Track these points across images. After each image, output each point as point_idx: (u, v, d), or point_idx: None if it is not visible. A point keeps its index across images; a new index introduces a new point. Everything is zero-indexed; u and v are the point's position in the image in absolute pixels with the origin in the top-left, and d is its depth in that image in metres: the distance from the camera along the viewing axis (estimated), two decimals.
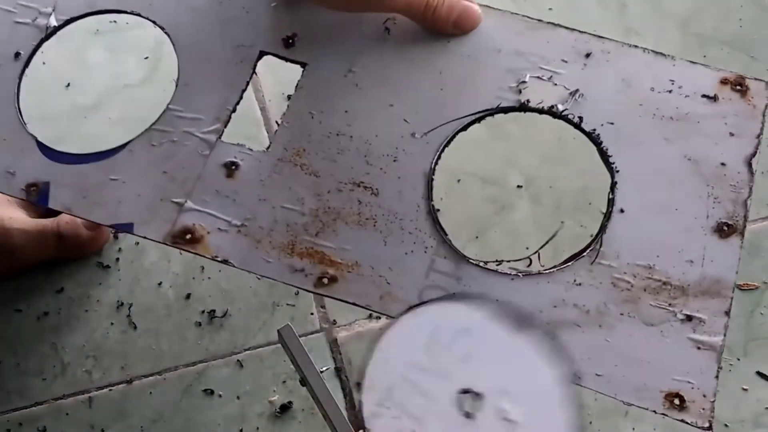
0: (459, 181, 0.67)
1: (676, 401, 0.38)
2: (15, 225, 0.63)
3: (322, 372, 0.59)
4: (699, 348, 0.39)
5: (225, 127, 0.47)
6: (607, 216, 0.43)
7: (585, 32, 0.48)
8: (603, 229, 0.42)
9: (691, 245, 0.42)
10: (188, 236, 0.44)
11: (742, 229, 0.42)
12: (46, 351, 0.63)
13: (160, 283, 0.65)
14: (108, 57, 0.73)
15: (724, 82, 0.46)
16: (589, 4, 0.78)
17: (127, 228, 0.44)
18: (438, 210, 0.65)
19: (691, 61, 0.46)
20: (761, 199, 0.68)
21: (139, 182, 0.45)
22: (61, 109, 0.71)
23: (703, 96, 0.45)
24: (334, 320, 0.63)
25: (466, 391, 0.35)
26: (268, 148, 0.46)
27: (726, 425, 0.59)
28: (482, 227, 0.66)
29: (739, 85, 0.46)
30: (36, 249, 0.64)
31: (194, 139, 0.46)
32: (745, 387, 0.61)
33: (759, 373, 0.61)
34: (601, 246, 0.42)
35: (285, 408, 0.60)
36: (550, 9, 0.77)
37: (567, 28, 0.48)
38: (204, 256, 0.43)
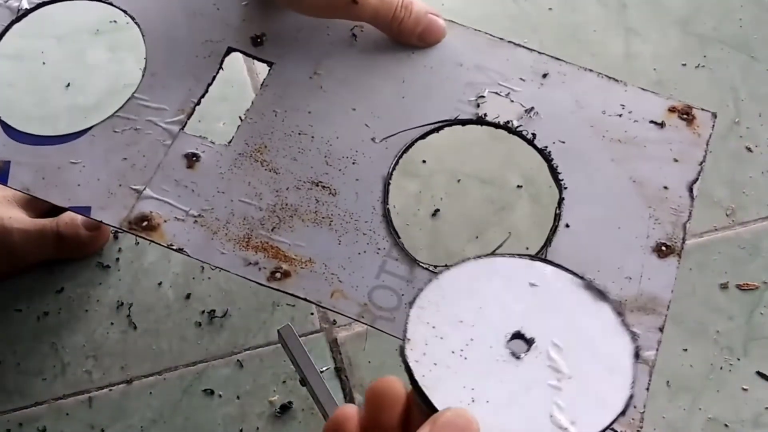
0: (459, 181, 0.67)
1: None
2: (15, 224, 0.61)
3: (322, 372, 0.59)
4: None
5: (188, 118, 0.47)
6: (553, 230, 0.44)
7: (543, 53, 0.50)
8: (548, 242, 0.44)
9: (631, 263, 0.44)
10: (145, 223, 0.44)
11: (680, 250, 0.44)
12: (46, 351, 0.62)
13: (160, 283, 0.64)
14: (108, 57, 0.72)
15: (672, 110, 0.48)
16: (589, 4, 0.77)
17: (84, 211, 0.44)
18: (438, 210, 0.66)
19: (642, 88, 0.48)
20: (761, 199, 0.67)
21: (99, 167, 0.46)
22: (61, 108, 0.70)
23: (651, 122, 0.47)
24: (334, 320, 0.63)
25: (516, 336, 0.35)
26: (230, 142, 0.47)
27: (726, 425, 0.59)
28: (482, 227, 0.65)
29: (686, 114, 0.48)
30: (36, 249, 0.63)
31: (157, 128, 0.47)
32: (745, 387, 0.60)
33: (759, 373, 0.61)
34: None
35: (285, 408, 0.60)
36: (550, 9, 0.76)
37: (527, 48, 0.50)
38: (159, 244, 0.44)
